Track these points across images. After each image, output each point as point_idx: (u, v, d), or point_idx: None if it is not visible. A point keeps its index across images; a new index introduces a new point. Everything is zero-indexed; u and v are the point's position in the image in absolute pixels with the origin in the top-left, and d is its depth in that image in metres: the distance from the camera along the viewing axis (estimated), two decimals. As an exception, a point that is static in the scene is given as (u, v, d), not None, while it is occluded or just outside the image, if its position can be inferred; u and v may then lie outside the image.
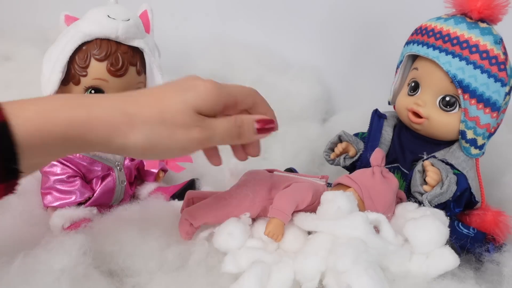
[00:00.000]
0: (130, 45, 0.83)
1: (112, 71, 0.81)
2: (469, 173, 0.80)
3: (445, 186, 0.74)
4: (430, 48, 0.81)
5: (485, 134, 0.81)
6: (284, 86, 1.22)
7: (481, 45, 0.78)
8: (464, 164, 0.81)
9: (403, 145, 0.88)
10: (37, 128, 0.50)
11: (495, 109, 0.80)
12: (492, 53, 0.78)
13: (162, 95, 0.57)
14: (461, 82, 0.78)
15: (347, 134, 0.91)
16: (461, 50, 0.78)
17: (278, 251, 0.69)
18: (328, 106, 1.26)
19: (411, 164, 0.85)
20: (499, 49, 0.79)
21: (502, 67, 0.79)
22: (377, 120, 0.90)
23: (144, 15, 0.89)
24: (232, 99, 0.59)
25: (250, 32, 1.32)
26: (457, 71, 0.78)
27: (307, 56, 1.30)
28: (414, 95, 0.84)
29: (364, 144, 0.89)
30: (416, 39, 0.85)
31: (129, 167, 0.89)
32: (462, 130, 0.80)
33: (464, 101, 0.79)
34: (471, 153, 0.82)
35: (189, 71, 1.22)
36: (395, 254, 0.65)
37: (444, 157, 0.80)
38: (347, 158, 0.90)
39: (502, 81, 0.79)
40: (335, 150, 0.90)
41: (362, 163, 0.88)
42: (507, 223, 0.79)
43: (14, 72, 1.15)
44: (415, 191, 0.77)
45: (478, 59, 0.78)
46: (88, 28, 0.80)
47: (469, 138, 0.80)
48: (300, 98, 1.21)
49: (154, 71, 0.87)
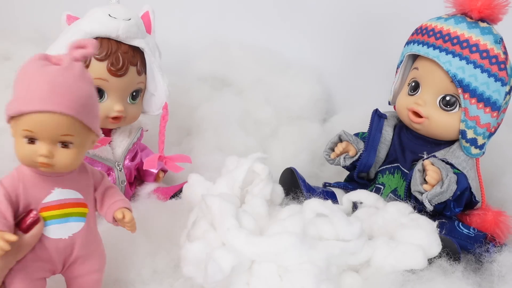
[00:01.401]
0: (131, 44, 0.83)
1: (113, 71, 0.82)
2: (469, 173, 0.81)
3: (445, 185, 0.75)
4: (431, 48, 0.82)
5: (485, 134, 0.82)
6: (284, 86, 1.23)
7: (481, 44, 0.79)
8: (464, 163, 0.81)
9: (404, 145, 0.88)
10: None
11: (495, 109, 0.80)
12: (492, 53, 0.79)
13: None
14: (461, 81, 0.79)
15: (347, 133, 0.92)
16: (461, 50, 0.79)
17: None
18: (329, 106, 1.27)
19: (411, 164, 0.85)
20: (499, 49, 0.79)
21: (502, 67, 0.80)
22: (377, 120, 0.90)
23: (146, 16, 0.89)
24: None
25: (250, 32, 1.33)
26: (457, 71, 0.79)
27: (307, 56, 1.30)
28: (414, 94, 0.85)
29: (364, 144, 0.89)
30: (417, 39, 0.85)
31: (129, 168, 0.90)
32: (462, 130, 0.81)
33: (464, 101, 0.79)
34: (471, 152, 0.82)
35: (189, 71, 1.23)
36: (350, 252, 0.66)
37: (444, 157, 0.81)
38: (347, 157, 0.90)
39: (502, 80, 0.79)
40: (335, 150, 0.91)
41: (361, 164, 0.88)
42: (507, 223, 0.80)
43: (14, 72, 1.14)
44: (415, 190, 0.78)
45: (478, 59, 0.79)
46: (89, 27, 0.81)
47: (469, 137, 0.81)
48: (300, 98, 1.21)
49: (155, 71, 0.88)
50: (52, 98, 0.52)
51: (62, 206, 0.58)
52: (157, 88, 0.89)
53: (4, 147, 0.87)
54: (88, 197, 0.61)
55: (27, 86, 0.52)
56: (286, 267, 0.62)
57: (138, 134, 0.91)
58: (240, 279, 0.63)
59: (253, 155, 0.80)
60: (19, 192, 0.56)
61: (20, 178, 0.56)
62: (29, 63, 0.54)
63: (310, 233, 0.67)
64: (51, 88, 0.52)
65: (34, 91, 0.52)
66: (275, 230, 0.66)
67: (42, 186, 0.57)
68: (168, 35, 1.07)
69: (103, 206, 0.62)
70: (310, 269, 0.61)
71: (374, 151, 0.89)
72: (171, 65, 1.09)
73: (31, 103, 0.52)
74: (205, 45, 1.32)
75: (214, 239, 0.66)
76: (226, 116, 1.12)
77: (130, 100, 0.86)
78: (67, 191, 0.59)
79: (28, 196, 0.57)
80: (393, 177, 0.87)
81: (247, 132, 1.12)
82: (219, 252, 0.61)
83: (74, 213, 0.59)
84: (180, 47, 1.28)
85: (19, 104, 0.52)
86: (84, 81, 0.55)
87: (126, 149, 0.88)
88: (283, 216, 0.71)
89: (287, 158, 1.06)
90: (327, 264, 0.64)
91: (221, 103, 1.16)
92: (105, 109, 0.82)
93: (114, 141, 0.89)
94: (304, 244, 0.63)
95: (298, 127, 1.16)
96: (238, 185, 0.77)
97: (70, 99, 0.53)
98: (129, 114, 0.86)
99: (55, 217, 0.58)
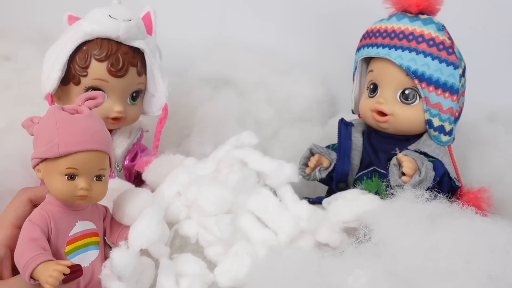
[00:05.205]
0: (131, 45, 0.85)
1: (113, 72, 0.83)
2: (444, 159, 0.85)
3: (423, 173, 0.78)
4: (380, 47, 0.87)
5: (450, 119, 0.86)
6: (287, 87, 1.24)
7: (426, 34, 0.84)
8: (437, 150, 0.85)
9: (375, 147, 0.92)
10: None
11: (454, 92, 0.85)
12: (438, 40, 0.84)
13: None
14: (415, 72, 0.84)
15: (317, 146, 0.95)
16: (408, 43, 0.85)
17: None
18: (332, 108, 1.28)
19: (386, 163, 0.88)
20: (444, 35, 0.85)
21: (450, 51, 0.85)
22: (345, 128, 0.93)
23: (147, 16, 0.91)
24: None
25: (253, 33, 1.34)
26: (410, 63, 0.84)
27: (310, 57, 1.31)
28: (374, 96, 0.89)
29: (337, 153, 0.92)
30: (366, 43, 0.91)
31: (129, 168, 0.91)
32: (428, 119, 0.85)
33: (423, 90, 0.84)
34: (442, 141, 0.86)
35: (192, 72, 1.25)
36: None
37: (417, 148, 0.85)
38: (322, 170, 0.93)
39: (454, 64, 0.85)
40: (309, 164, 0.94)
41: (338, 173, 0.91)
42: (489, 197, 0.83)
43: (14, 72, 1.17)
44: (394, 184, 0.80)
45: (426, 48, 0.84)
46: (89, 27, 0.83)
47: (436, 126, 0.85)
48: (303, 100, 1.22)
49: (155, 72, 0.89)
50: (91, 139, 0.63)
51: (83, 237, 0.66)
52: (157, 89, 0.90)
53: (5, 147, 0.89)
54: (99, 227, 0.69)
55: (65, 132, 0.62)
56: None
57: (138, 135, 0.93)
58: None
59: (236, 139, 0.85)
60: (50, 228, 0.63)
61: (49, 215, 0.64)
62: (53, 114, 0.64)
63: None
64: (88, 131, 0.64)
65: (75, 135, 0.63)
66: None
67: (68, 220, 0.65)
68: (171, 35, 1.09)
69: (113, 234, 0.70)
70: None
71: (348, 158, 0.91)
72: (173, 66, 1.11)
73: (76, 144, 0.62)
74: (207, 45, 1.33)
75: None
76: (227, 116, 1.13)
77: (130, 101, 0.88)
78: (86, 222, 0.67)
79: (58, 231, 0.64)
80: (372, 181, 0.89)
81: (248, 132, 1.13)
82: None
83: (92, 242, 0.67)
84: (183, 47, 1.30)
85: (63, 147, 0.62)
86: (103, 124, 0.67)
87: (126, 150, 0.90)
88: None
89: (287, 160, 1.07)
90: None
91: (223, 103, 1.17)
92: (105, 109, 0.84)
93: (114, 142, 0.91)
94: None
95: (299, 129, 1.18)
96: (213, 163, 0.82)
97: (101, 139, 0.65)
98: (129, 115, 0.88)
99: (79, 248, 0.66)
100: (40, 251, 0.59)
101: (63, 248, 0.64)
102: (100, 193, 0.66)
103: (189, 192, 0.76)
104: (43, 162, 0.64)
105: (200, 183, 0.76)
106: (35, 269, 0.58)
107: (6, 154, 0.87)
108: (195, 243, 0.75)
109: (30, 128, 0.65)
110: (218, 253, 0.73)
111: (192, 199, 0.75)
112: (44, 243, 0.61)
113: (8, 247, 0.63)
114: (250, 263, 0.69)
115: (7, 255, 0.62)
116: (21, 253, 0.60)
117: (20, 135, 0.84)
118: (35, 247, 0.60)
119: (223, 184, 0.76)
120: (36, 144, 0.64)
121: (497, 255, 0.59)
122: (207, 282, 0.70)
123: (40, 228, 0.62)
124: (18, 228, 0.63)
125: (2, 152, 0.88)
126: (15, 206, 0.65)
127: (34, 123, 0.65)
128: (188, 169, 0.82)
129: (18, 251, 0.60)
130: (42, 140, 0.63)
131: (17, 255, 0.60)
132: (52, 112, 0.64)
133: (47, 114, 0.65)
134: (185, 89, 1.20)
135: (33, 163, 0.65)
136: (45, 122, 0.64)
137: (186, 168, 0.82)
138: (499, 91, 1.16)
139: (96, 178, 0.65)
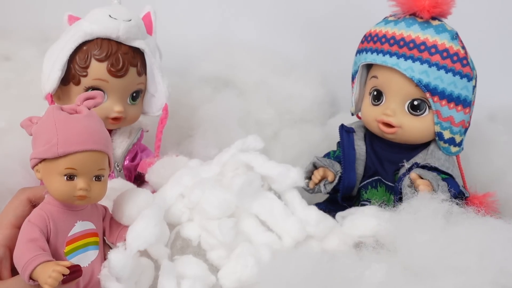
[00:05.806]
0: (131, 45, 0.85)
1: (113, 72, 0.84)
2: (454, 171, 0.82)
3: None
4: (387, 55, 0.81)
5: (461, 131, 0.83)
6: (287, 88, 1.24)
7: (439, 44, 0.79)
8: (447, 163, 0.82)
9: (379, 156, 0.88)
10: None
11: (467, 105, 0.81)
12: (452, 51, 0.79)
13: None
14: (427, 85, 0.79)
15: (320, 159, 0.91)
16: (420, 53, 0.79)
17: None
18: (332, 109, 1.28)
19: (394, 175, 0.86)
20: (458, 45, 0.80)
21: (464, 63, 0.80)
22: (347, 136, 0.89)
23: (147, 16, 0.91)
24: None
25: (254, 34, 1.35)
26: (421, 75, 0.79)
27: (311, 58, 1.32)
28: (379, 104, 0.85)
29: (341, 165, 0.89)
30: (369, 47, 0.85)
31: (128, 168, 0.92)
32: (438, 132, 0.81)
33: (435, 104, 0.80)
34: (451, 152, 0.83)
35: (192, 72, 1.25)
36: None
37: (426, 162, 0.81)
38: (327, 184, 0.89)
39: (468, 76, 0.80)
40: (313, 179, 0.89)
41: (344, 187, 0.88)
42: (493, 200, 0.82)
43: (14, 72, 1.17)
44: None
45: (440, 60, 0.78)
46: (89, 27, 0.83)
47: (446, 138, 0.82)
48: (303, 100, 1.22)
49: (155, 72, 0.90)
50: (90, 139, 0.63)
51: (83, 237, 0.66)
52: (157, 89, 0.91)
53: (4, 147, 0.89)
54: (98, 227, 0.69)
55: (64, 132, 0.62)
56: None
57: (138, 135, 0.93)
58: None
59: (240, 143, 0.84)
60: (49, 228, 0.63)
61: (48, 215, 0.64)
62: (52, 114, 0.64)
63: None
64: (87, 131, 0.64)
65: (74, 135, 0.62)
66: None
67: (67, 220, 0.65)
68: (171, 35, 1.09)
69: (112, 234, 0.70)
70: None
71: (353, 170, 0.88)
72: (174, 66, 1.11)
73: (75, 144, 0.62)
74: (208, 45, 1.33)
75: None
76: (228, 117, 1.13)
77: (130, 101, 0.88)
78: (85, 222, 0.67)
79: (57, 232, 0.64)
80: (377, 191, 0.87)
81: (248, 133, 1.12)
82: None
83: (91, 242, 0.67)
84: (183, 47, 1.30)
85: (62, 147, 0.62)
86: (102, 124, 0.67)
87: (126, 150, 0.90)
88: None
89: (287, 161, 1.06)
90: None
91: (223, 104, 1.17)
92: (105, 109, 0.85)
93: (114, 142, 0.91)
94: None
95: (300, 130, 1.18)
96: (218, 166, 0.82)
97: (100, 138, 0.65)
98: (129, 115, 0.89)
99: (78, 248, 0.66)
100: (39, 251, 0.59)
101: (63, 248, 0.64)
102: (99, 193, 0.66)
103: (192, 195, 0.76)
104: (42, 162, 0.64)
105: (204, 186, 0.76)
106: (34, 270, 0.58)
107: (6, 154, 0.88)
108: (196, 245, 0.75)
109: (29, 128, 0.65)
110: (220, 256, 0.74)
111: (196, 202, 0.75)
112: (43, 244, 0.61)
113: (7, 247, 0.63)
114: (254, 263, 0.70)
115: (6, 256, 0.63)
116: (20, 254, 0.60)
117: (20, 135, 0.84)
118: (34, 247, 0.60)
119: (227, 187, 0.76)
120: (35, 144, 0.64)
121: (509, 252, 0.61)
122: (208, 284, 0.71)
123: (39, 228, 0.62)
124: (17, 228, 0.63)
125: (2, 152, 0.88)
126: (14, 206, 0.66)
127: (33, 123, 0.65)
128: (192, 171, 0.82)
129: (17, 252, 0.60)
130: (41, 140, 0.63)
131: (16, 256, 0.60)
132: (51, 112, 0.64)
133: (45, 114, 0.65)
134: (185, 89, 1.20)
135: (32, 163, 0.65)
136: (44, 122, 0.64)
137: (190, 170, 0.82)
138: (499, 91, 1.16)
139: (95, 178, 0.65)
